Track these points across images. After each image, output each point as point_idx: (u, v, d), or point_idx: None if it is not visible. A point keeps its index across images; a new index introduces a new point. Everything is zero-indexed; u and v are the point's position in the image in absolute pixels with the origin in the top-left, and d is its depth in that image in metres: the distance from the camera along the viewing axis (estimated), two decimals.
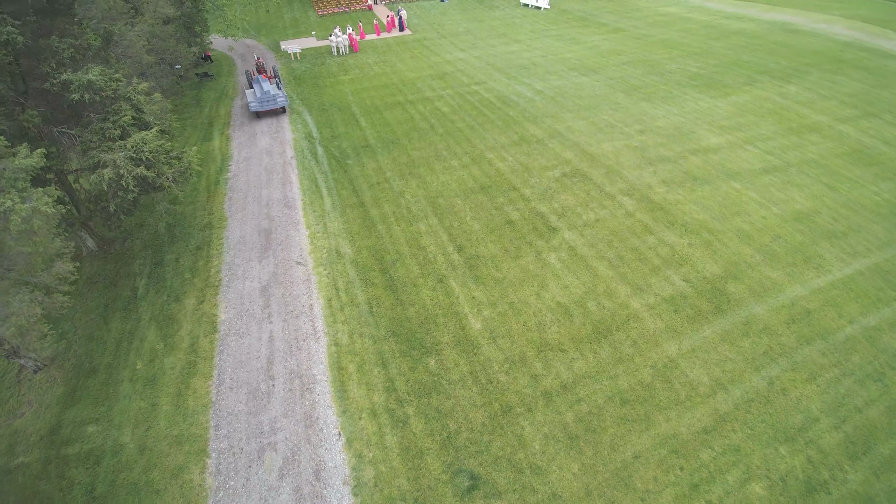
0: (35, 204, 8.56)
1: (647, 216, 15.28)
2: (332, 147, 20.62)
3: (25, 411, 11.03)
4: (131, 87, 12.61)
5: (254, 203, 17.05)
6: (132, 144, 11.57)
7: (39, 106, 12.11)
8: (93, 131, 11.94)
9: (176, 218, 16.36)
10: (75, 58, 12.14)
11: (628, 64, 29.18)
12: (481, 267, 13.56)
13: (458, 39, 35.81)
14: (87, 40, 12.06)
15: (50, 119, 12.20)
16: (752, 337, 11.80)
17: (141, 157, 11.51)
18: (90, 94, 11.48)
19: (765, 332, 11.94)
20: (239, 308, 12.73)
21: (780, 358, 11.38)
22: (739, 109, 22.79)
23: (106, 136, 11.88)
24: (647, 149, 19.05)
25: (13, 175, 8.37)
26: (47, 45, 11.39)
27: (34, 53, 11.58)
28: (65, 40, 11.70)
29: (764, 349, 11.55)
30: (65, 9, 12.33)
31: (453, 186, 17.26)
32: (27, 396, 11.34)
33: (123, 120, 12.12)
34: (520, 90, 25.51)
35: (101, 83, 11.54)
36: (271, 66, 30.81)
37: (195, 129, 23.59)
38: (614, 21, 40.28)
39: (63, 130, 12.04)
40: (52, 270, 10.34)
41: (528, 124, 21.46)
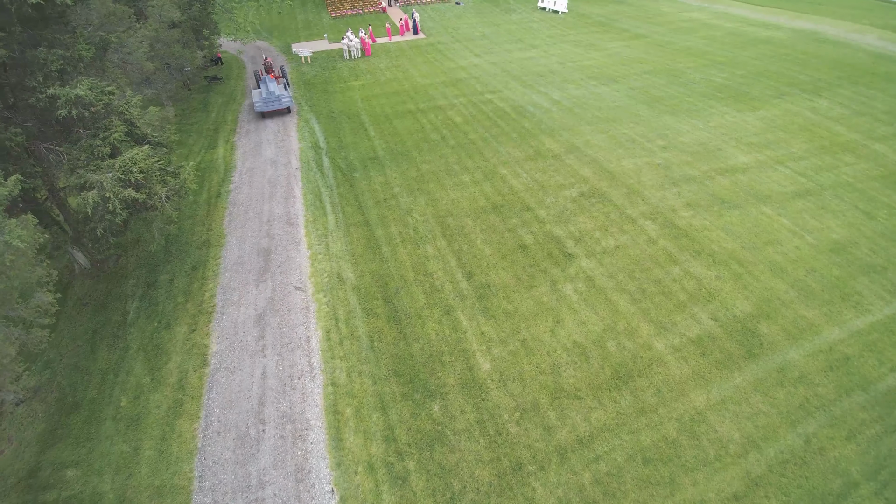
0: (7, 237, 7.81)
1: (671, 244, 14.21)
2: (339, 158, 19.81)
3: (5, 449, 10.34)
4: (124, 101, 11.86)
5: (255, 219, 16.29)
6: (121, 164, 10.82)
7: (28, 121, 11.41)
8: (81, 148, 11.21)
9: (173, 233, 15.65)
10: (65, 70, 11.42)
11: (650, 73, 27.98)
12: (492, 297, 12.62)
13: (473, 44, 34.85)
14: (78, 51, 11.32)
15: (38, 135, 11.49)
16: (787, 387, 10.71)
17: (129, 178, 10.74)
18: (78, 110, 10.75)
19: (801, 381, 10.84)
20: (232, 339, 11.94)
21: (818, 412, 10.29)
22: (768, 125, 21.53)
23: (94, 154, 11.15)
24: (670, 167, 17.94)
25: None
26: (34, 56, 10.67)
27: (21, 66, 10.87)
28: (53, 51, 10.98)
29: (800, 401, 10.46)
30: (56, 17, 11.60)
31: (464, 205, 16.33)
32: (7, 432, 10.64)
33: (114, 137, 11.38)
34: (536, 100, 24.49)
35: (90, 97, 10.80)
36: (279, 65, 30.35)
37: (200, 136, 22.95)
38: (635, 27, 39.00)
39: (50, 147, 11.33)
40: (31, 303, 9.63)
41: (544, 137, 20.45)
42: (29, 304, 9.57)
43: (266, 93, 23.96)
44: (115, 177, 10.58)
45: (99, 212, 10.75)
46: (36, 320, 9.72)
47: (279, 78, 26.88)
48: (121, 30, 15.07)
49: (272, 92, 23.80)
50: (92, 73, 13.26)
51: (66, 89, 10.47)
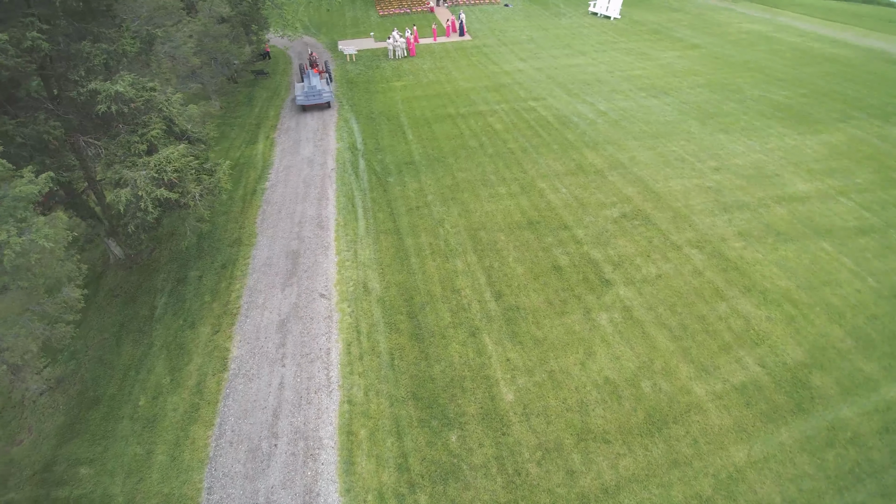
0: (34, 236, 7.77)
1: (718, 276, 13.20)
2: (375, 161, 19.55)
3: (24, 439, 10.49)
4: (164, 98, 11.85)
5: (287, 219, 16.19)
6: (156, 162, 10.78)
7: (69, 113, 11.55)
8: (118, 144, 11.25)
9: (206, 230, 15.72)
10: (108, 64, 11.49)
11: (704, 87, 26.53)
12: (520, 321, 12.01)
13: (520, 48, 34.06)
14: (122, 46, 11.36)
15: (78, 128, 11.62)
16: (838, 447, 9.66)
17: (163, 178, 10.69)
18: (118, 106, 10.76)
19: (853, 442, 9.76)
20: (253, 344, 11.78)
21: (869, 479, 9.22)
22: (831, 151, 19.93)
23: (131, 151, 11.16)
24: (722, 191, 16.79)
25: (12, 204, 7.60)
26: (78, 50, 10.75)
27: (65, 59, 10.99)
28: (98, 46, 11.04)
29: (850, 465, 9.41)
30: (104, 10, 11.69)
31: (498, 218, 15.73)
32: (28, 421, 10.81)
33: (151, 134, 11.37)
34: (581, 110, 23.57)
35: (130, 94, 10.80)
36: (323, 60, 30.56)
37: (242, 131, 23.19)
38: (691, 36, 37.25)
39: (89, 140, 11.43)
40: (58, 298, 9.67)
41: (587, 151, 19.58)
42: (56, 300, 9.61)
43: (308, 87, 24.50)
44: (148, 175, 10.54)
45: (131, 209, 10.75)
46: (61, 316, 9.76)
47: (322, 73, 27.30)
48: (169, 24, 15.19)
49: (314, 86, 24.28)
50: (137, 67, 13.39)
51: (107, 85, 10.49)
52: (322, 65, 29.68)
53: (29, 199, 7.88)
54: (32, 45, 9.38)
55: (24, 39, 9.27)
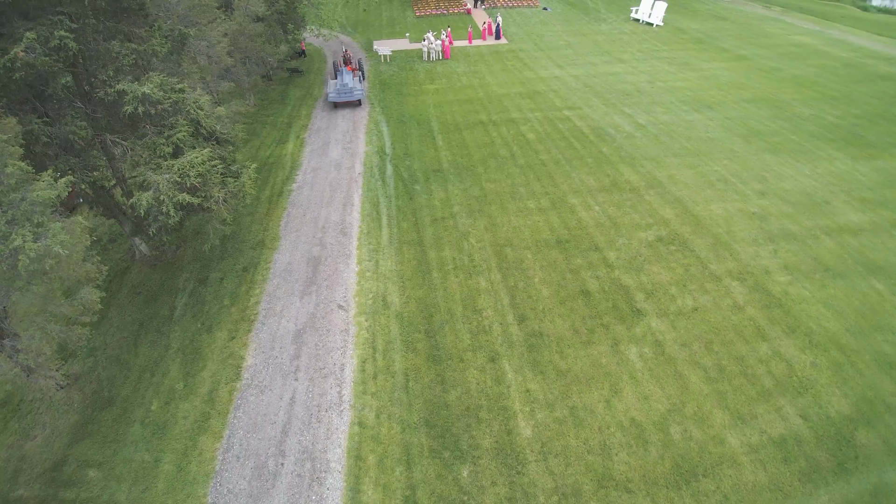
0: (50, 241, 7.65)
1: (760, 314, 12.32)
2: (403, 167, 19.20)
3: (38, 435, 10.51)
4: (192, 101, 11.72)
5: (310, 224, 15.98)
6: (179, 167, 10.64)
7: (98, 112, 11.53)
8: (144, 145, 11.16)
9: (230, 231, 15.65)
10: (138, 64, 11.42)
11: (751, 102, 25.24)
12: (543, 349, 11.43)
13: (557, 54, 33.23)
14: (151, 46, 11.26)
15: (106, 127, 11.59)
16: None
17: (185, 182, 10.54)
18: (145, 107, 10.66)
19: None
20: (268, 353, 11.56)
21: None
22: (887, 179, 18.56)
23: (156, 153, 11.06)
24: (767, 218, 15.78)
25: (29, 208, 7.48)
26: (107, 49, 10.69)
27: (95, 58, 10.95)
28: (127, 45, 10.97)
29: None
30: (136, 8, 11.62)
31: (525, 235, 15.15)
32: (43, 417, 10.84)
33: (178, 137, 11.25)
34: (618, 122, 22.70)
35: (158, 95, 10.69)
36: (357, 58, 30.52)
37: (274, 129, 23.22)
38: (737, 47, 35.66)
39: (116, 140, 11.38)
40: (76, 300, 9.60)
41: (623, 166, 18.78)
42: (73, 302, 9.55)
43: (340, 84, 24.81)
44: (171, 179, 10.39)
45: (153, 212, 10.63)
46: (78, 318, 9.69)
47: (356, 71, 27.43)
48: (203, 22, 15.14)
49: (345, 84, 24.65)
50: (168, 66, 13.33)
51: (135, 86, 10.40)
52: (355, 63, 29.79)
53: (47, 204, 7.75)
54: (60, 43, 9.31)
55: (52, 38, 9.21)
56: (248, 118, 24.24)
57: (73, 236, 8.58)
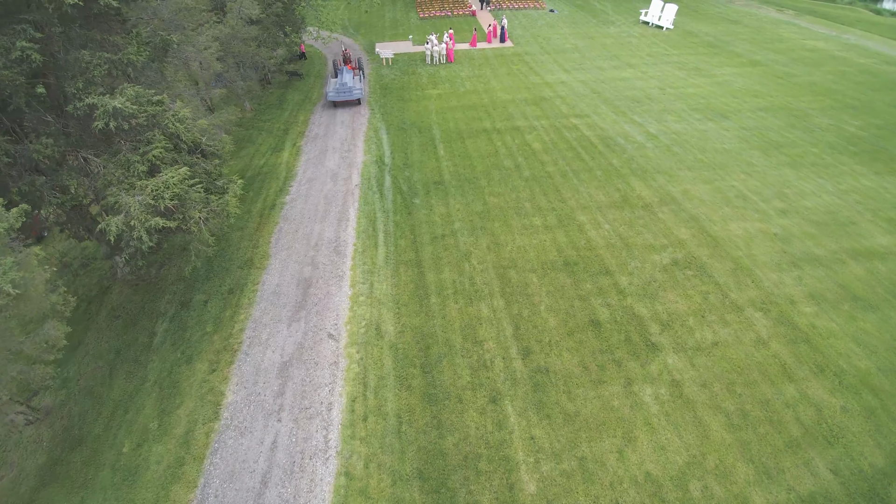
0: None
1: (786, 350, 11.32)
2: (402, 179, 18.27)
3: (4, 476, 9.66)
4: (170, 114, 10.82)
5: (302, 241, 15.08)
6: (153, 188, 9.74)
7: (70, 127, 10.64)
8: (118, 163, 10.27)
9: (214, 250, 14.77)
10: (113, 74, 10.53)
11: (767, 110, 24.17)
12: (550, 389, 10.47)
13: (564, 57, 32.21)
14: (126, 55, 10.36)
15: (79, 143, 10.71)
16: None
17: (159, 205, 9.64)
18: (117, 122, 9.77)
19: None
20: (250, 389, 10.66)
21: None
22: None
23: (130, 171, 10.16)
24: (790, 240, 14.76)
25: None
26: (76, 60, 9.80)
27: (65, 69, 10.06)
28: (99, 55, 10.07)
29: None
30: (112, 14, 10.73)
31: (531, 255, 14.19)
32: (12, 455, 9.99)
33: (153, 153, 10.35)
34: (628, 131, 21.69)
35: (131, 109, 9.79)
36: (356, 58, 29.82)
37: (270, 136, 22.35)
38: (750, 52, 34.53)
39: (89, 157, 10.50)
40: (38, 336, 8.72)
41: (634, 180, 17.78)
42: (35, 338, 8.66)
43: (339, 83, 24.50)
44: (143, 202, 9.49)
45: (125, 238, 9.73)
46: (41, 356, 8.82)
47: (356, 69, 27.07)
48: (190, 27, 14.24)
49: (344, 83, 24.47)
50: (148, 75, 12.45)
51: (105, 98, 9.50)
52: (355, 62, 29.26)
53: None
54: (22, 55, 8.42)
55: (13, 49, 8.32)
56: (244, 124, 23.38)
57: (29, 270, 7.70)
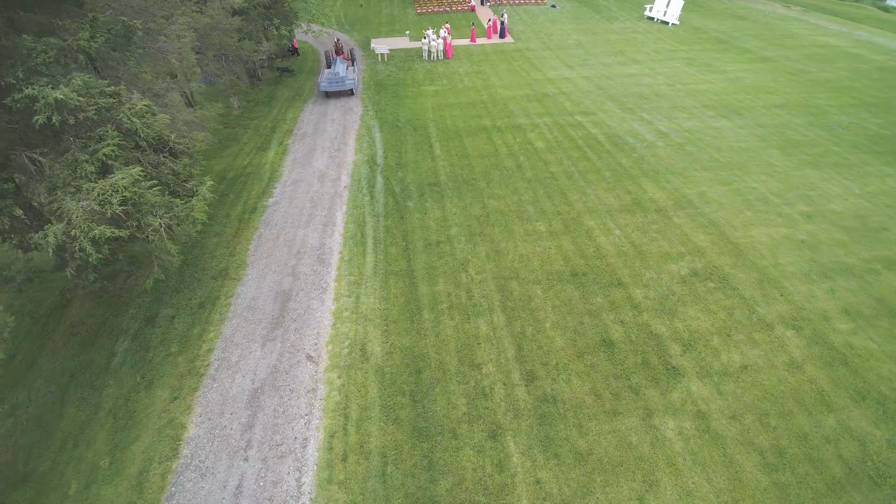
0: None
1: (822, 374, 10.00)
2: (395, 180, 16.95)
3: None
4: (126, 108, 9.51)
5: (284, 248, 13.76)
6: (100, 191, 8.41)
7: (13, 122, 9.32)
8: (64, 164, 8.95)
9: (192, 254, 13.46)
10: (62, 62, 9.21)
11: (783, 108, 22.84)
12: (558, 421, 9.14)
13: (566, 53, 30.91)
14: (77, 41, 9.05)
15: (22, 140, 9.38)
16: None
17: (106, 211, 8.32)
18: (62, 116, 8.45)
19: None
20: (215, 422, 9.33)
21: None
22: None
23: (77, 173, 8.84)
24: (818, 247, 13.44)
25: None
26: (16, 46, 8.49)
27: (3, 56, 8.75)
28: (44, 41, 8.76)
29: None
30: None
31: (534, 264, 12.88)
32: None
33: (104, 152, 9.03)
34: (637, 129, 20.37)
35: (78, 101, 8.48)
36: (349, 48, 28.75)
37: (256, 134, 21.03)
38: (760, 48, 33.22)
39: (32, 156, 9.18)
40: None
41: (645, 181, 16.45)
42: None
43: (331, 73, 23.99)
44: (88, 208, 8.16)
45: (69, 250, 8.41)
46: None
47: (348, 60, 26.94)
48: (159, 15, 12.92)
49: (336, 73, 23.93)
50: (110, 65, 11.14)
51: (47, 90, 8.18)
52: (348, 52, 28.69)
53: None
54: None
55: None
56: (230, 122, 22.08)
57: None
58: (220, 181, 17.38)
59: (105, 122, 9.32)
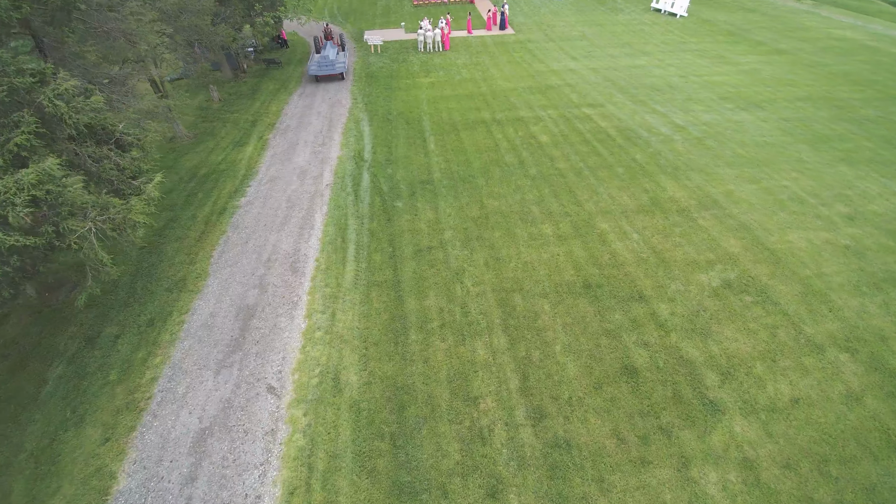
0: None
1: (885, 407, 8.26)
2: (383, 177, 15.22)
3: None
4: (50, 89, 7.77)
5: (252, 255, 12.02)
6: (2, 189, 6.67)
7: None
8: None
9: (149, 261, 11.75)
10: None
11: (806, 100, 21.10)
12: (573, 474, 7.40)
13: (571, 45, 29.18)
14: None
15: None
16: None
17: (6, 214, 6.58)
18: None
19: None
20: (151, 471, 7.59)
21: None
22: None
23: None
24: (864, 254, 11.70)
25: None
26: None
27: None
28: None
29: None
30: None
31: (540, 274, 11.14)
32: None
33: (17, 141, 7.28)
34: (650, 122, 18.63)
35: None
36: (338, 34, 27.33)
37: (235, 128, 19.31)
38: (773, 40, 31.51)
39: None
40: None
41: (663, 178, 14.72)
42: None
43: (321, 57, 23.53)
44: None
45: None
46: None
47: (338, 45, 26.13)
48: None
49: (326, 56, 23.50)
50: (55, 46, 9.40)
51: None
52: (337, 37, 27.57)
53: None
54: None
55: None
56: (208, 115, 20.38)
57: None
58: (190, 179, 15.64)
59: (22, 106, 7.58)
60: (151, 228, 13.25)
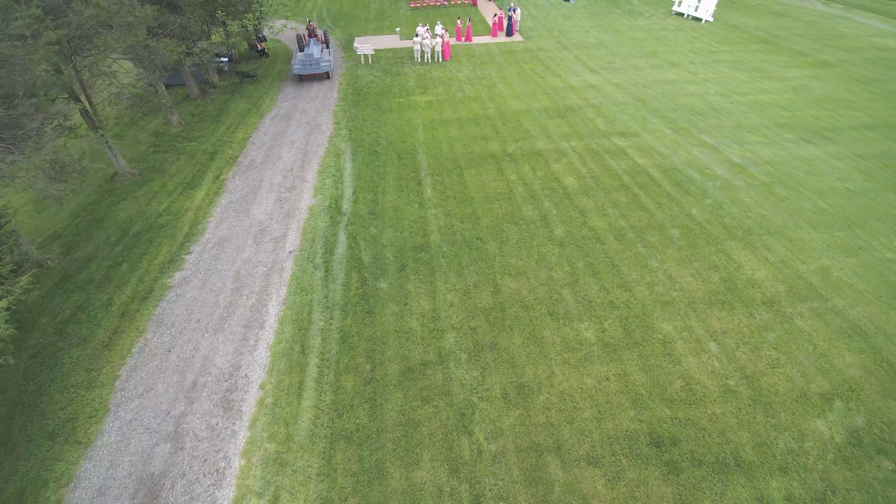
0: None
1: None
2: (364, 240, 11.70)
3: None
4: None
5: (172, 376, 8.49)
6: None
7: None
8: None
9: (38, 381, 8.21)
10: None
11: (873, 129, 17.60)
12: None
13: (587, 54, 25.63)
14: None
15: None
16: None
17: None
18: None
19: None
20: None
21: None
22: None
23: None
24: None
25: None
26: None
27: None
28: None
29: None
30: None
31: (586, 416, 7.64)
32: None
33: None
34: (700, 158, 15.10)
35: None
36: (322, 31, 25.03)
37: (189, 163, 15.82)
38: (813, 49, 27.99)
39: None
40: None
41: (734, 246, 11.20)
42: None
43: (305, 55, 21.89)
44: None
45: None
46: None
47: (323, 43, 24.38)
48: None
49: (311, 54, 21.93)
50: None
51: None
52: (321, 35, 24.95)
53: None
54: None
55: None
56: (162, 145, 16.88)
57: None
58: (119, 239, 12.14)
59: None
60: (53, 320, 9.77)
